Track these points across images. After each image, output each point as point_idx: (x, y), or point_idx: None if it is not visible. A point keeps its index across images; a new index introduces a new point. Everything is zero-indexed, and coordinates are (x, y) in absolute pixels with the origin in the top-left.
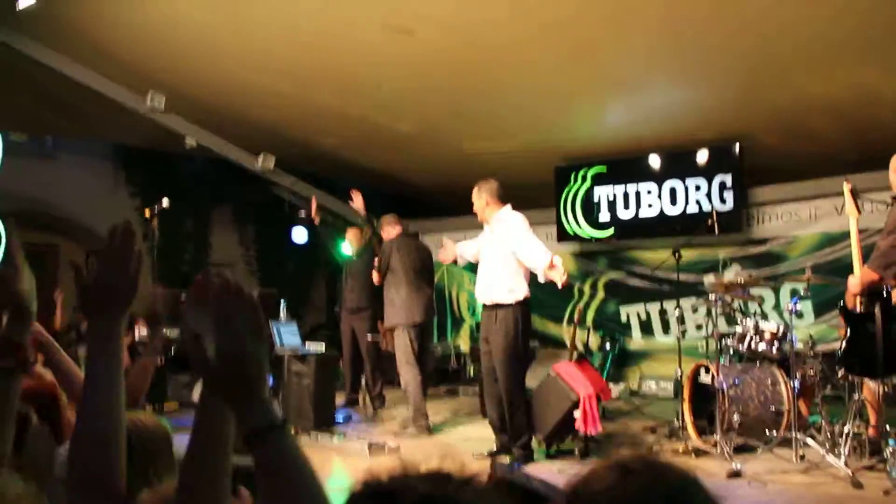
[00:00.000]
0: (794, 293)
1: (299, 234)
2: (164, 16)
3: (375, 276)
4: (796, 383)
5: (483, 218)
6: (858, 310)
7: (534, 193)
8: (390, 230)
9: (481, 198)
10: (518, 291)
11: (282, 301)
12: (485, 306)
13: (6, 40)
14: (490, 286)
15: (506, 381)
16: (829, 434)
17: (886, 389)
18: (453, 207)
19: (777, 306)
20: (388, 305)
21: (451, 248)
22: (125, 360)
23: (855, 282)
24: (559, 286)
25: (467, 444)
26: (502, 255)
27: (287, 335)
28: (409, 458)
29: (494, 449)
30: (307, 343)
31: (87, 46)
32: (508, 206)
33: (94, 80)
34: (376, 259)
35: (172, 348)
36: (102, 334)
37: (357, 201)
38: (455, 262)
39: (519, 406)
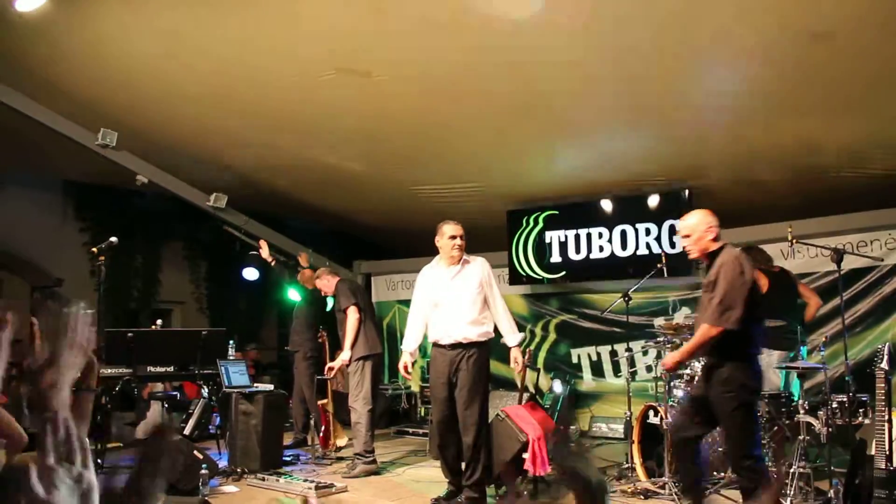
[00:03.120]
0: None
1: (251, 273)
2: (121, 53)
3: (355, 311)
4: None
5: (459, 256)
6: None
7: (486, 236)
8: (331, 279)
9: (465, 239)
10: (491, 331)
11: (231, 340)
12: (449, 346)
13: None
14: (460, 326)
15: (476, 419)
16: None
17: (830, 430)
18: (402, 249)
19: None
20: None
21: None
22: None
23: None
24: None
25: (416, 485)
26: (473, 295)
27: (235, 374)
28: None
29: (446, 491)
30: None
31: (39, 82)
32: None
33: (46, 117)
34: (343, 299)
35: (118, 387)
36: None
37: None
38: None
39: (484, 445)
